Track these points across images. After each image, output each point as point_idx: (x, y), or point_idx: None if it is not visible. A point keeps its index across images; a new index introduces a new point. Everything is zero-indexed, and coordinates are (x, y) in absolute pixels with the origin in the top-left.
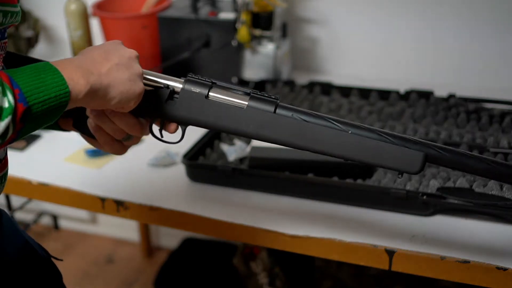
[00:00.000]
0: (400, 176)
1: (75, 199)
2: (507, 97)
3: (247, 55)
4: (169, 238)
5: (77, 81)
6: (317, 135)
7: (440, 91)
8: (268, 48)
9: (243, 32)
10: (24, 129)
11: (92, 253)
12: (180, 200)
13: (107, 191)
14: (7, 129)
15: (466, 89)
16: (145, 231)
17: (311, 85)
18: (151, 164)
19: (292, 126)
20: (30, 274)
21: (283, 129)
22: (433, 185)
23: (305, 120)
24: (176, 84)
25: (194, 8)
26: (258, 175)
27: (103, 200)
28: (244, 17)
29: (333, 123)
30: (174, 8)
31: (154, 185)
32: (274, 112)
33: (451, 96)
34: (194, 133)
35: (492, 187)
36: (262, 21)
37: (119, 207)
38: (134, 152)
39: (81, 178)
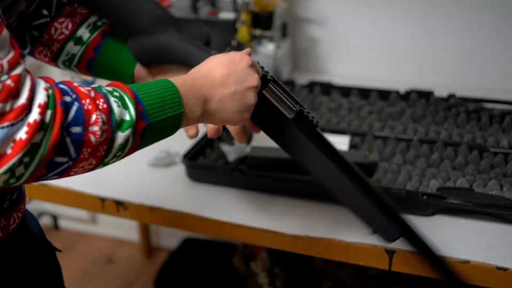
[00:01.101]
0: (373, 234)
1: (75, 199)
2: (507, 97)
3: None
4: (169, 238)
5: (192, 108)
6: (327, 172)
7: (440, 91)
8: (268, 48)
9: (243, 32)
10: (141, 145)
11: (92, 253)
12: (180, 200)
13: (107, 191)
14: (127, 141)
15: (466, 89)
16: (145, 231)
17: (311, 85)
18: (151, 164)
19: (313, 155)
20: (42, 263)
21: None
22: (433, 185)
23: (327, 156)
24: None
25: (194, 8)
26: (258, 175)
27: (103, 200)
28: (244, 17)
29: (348, 171)
30: (174, 8)
31: (154, 185)
32: (308, 137)
33: (451, 96)
34: None
35: (492, 187)
36: (262, 21)
37: (119, 207)
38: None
39: (81, 178)
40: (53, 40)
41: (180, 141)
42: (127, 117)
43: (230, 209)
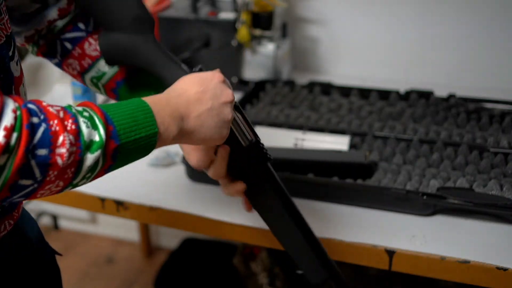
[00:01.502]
0: (299, 273)
1: (75, 199)
2: (507, 97)
3: (247, 55)
4: (169, 238)
5: (168, 127)
6: (268, 205)
7: (440, 91)
8: (268, 48)
9: (243, 32)
10: (114, 166)
11: (92, 253)
12: (180, 200)
13: (107, 191)
14: (96, 162)
15: (466, 89)
16: (145, 231)
17: (311, 85)
18: (151, 164)
19: (261, 191)
20: (40, 266)
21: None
22: (433, 185)
23: (271, 189)
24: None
25: (194, 8)
26: None
27: (103, 200)
28: (244, 17)
29: (288, 212)
30: (174, 8)
31: (154, 185)
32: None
33: (451, 96)
34: None
35: (492, 187)
36: (262, 21)
37: (119, 207)
38: None
39: None
40: (85, 55)
41: None
42: (97, 138)
43: (230, 209)
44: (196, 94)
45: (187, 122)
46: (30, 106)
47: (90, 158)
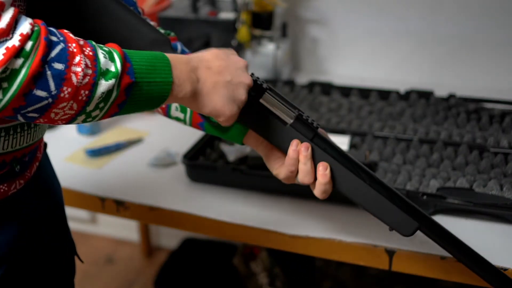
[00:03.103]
0: (390, 230)
1: (75, 199)
2: (507, 97)
3: (247, 55)
4: (169, 238)
5: (183, 82)
6: (337, 173)
7: (440, 91)
8: (268, 48)
9: (243, 32)
10: (126, 104)
11: (92, 253)
12: (180, 200)
13: (107, 191)
14: (110, 91)
15: (466, 89)
16: (145, 231)
17: (311, 85)
18: (151, 164)
19: (320, 157)
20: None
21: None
22: (433, 185)
23: (333, 157)
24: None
25: (194, 8)
26: (258, 175)
27: (103, 200)
28: (244, 17)
29: (356, 169)
30: (174, 8)
31: (154, 185)
32: (311, 139)
33: (451, 96)
34: (194, 133)
35: (492, 187)
36: (262, 21)
37: (119, 207)
38: (134, 152)
39: (81, 178)
40: None
41: (180, 141)
42: (113, 68)
43: (230, 209)
44: (219, 66)
45: (202, 86)
46: (51, 28)
47: (104, 84)
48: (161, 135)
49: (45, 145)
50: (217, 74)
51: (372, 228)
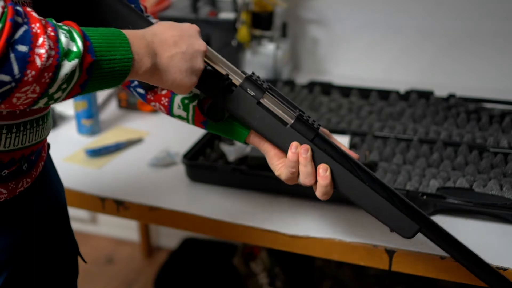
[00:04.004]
0: (391, 231)
1: (75, 199)
2: (507, 97)
3: (247, 55)
4: (169, 238)
5: (142, 58)
6: (338, 175)
7: (440, 91)
8: (268, 48)
9: (243, 32)
10: (89, 83)
11: (92, 253)
12: (180, 200)
13: (107, 191)
14: (73, 72)
15: (466, 89)
16: (145, 231)
17: (311, 85)
18: (151, 164)
19: (320, 158)
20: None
21: (313, 157)
22: (433, 185)
23: (333, 158)
24: (236, 77)
25: (194, 8)
26: (258, 175)
27: (103, 200)
28: (244, 17)
29: (355, 169)
30: (174, 8)
31: (154, 185)
32: (311, 140)
33: (451, 96)
34: (194, 133)
35: (492, 187)
36: (262, 21)
37: (119, 207)
38: (134, 152)
39: (81, 178)
40: (158, 95)
41: (180, 141)
42: (74, 48)
43: (230, 209)
44: (172, 37)
45: (160, 59)
46: (17, 7)
47: (67, 65)
48: (161, 135)
49: (49, 145)
50: (172, 45)
51: (372, 228)
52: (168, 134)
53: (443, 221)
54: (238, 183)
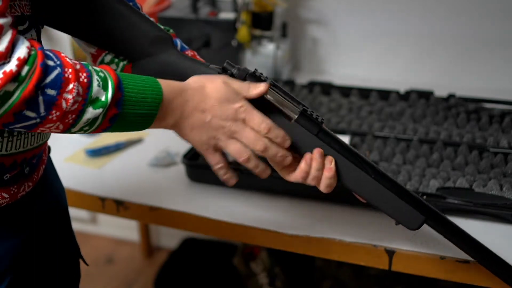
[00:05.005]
0: (396, 224)
1: (75, 199)
2: (507, 97)
3: (247, 55)
4: (169, 238)
5: (166, 116)
6: (342, 167)
7: (440, 91)
8: (268, 48)
9: (243, 32)
10: (110, 128)
11: (92, 253)
12: (180, 200)
13: (107, 191)
14: (96, 119)
15: (466, 89)
16: (145, 231)
17: (311, 85)
18: (151, 164)
19: (325, 152)
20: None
21: None
22: (433, 185)
23: (337, 151)
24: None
25: (194, 8)
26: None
27: (103, 200)
28: (244, 17)
29: (360, 162)
30: (174, 8)
31: (154, 185)
32: (316, 135)
33: (451, 96)
34: None
35: (492, 187)
36: (262, 21)
37: (119, 207)
38: (134, 152)
39: (81, 178)
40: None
41: (180, 141)
42: (103, 98)
43: (230, 209)
44: (200, 102)
45: (182, 122)
46: (47, 52)
47: (91, 112)
48: (161, 135)
49: (49, 148)
50: (200, 113)
51: (372, 228)
52: (168, 134)
53: None
54: (238, 183)
